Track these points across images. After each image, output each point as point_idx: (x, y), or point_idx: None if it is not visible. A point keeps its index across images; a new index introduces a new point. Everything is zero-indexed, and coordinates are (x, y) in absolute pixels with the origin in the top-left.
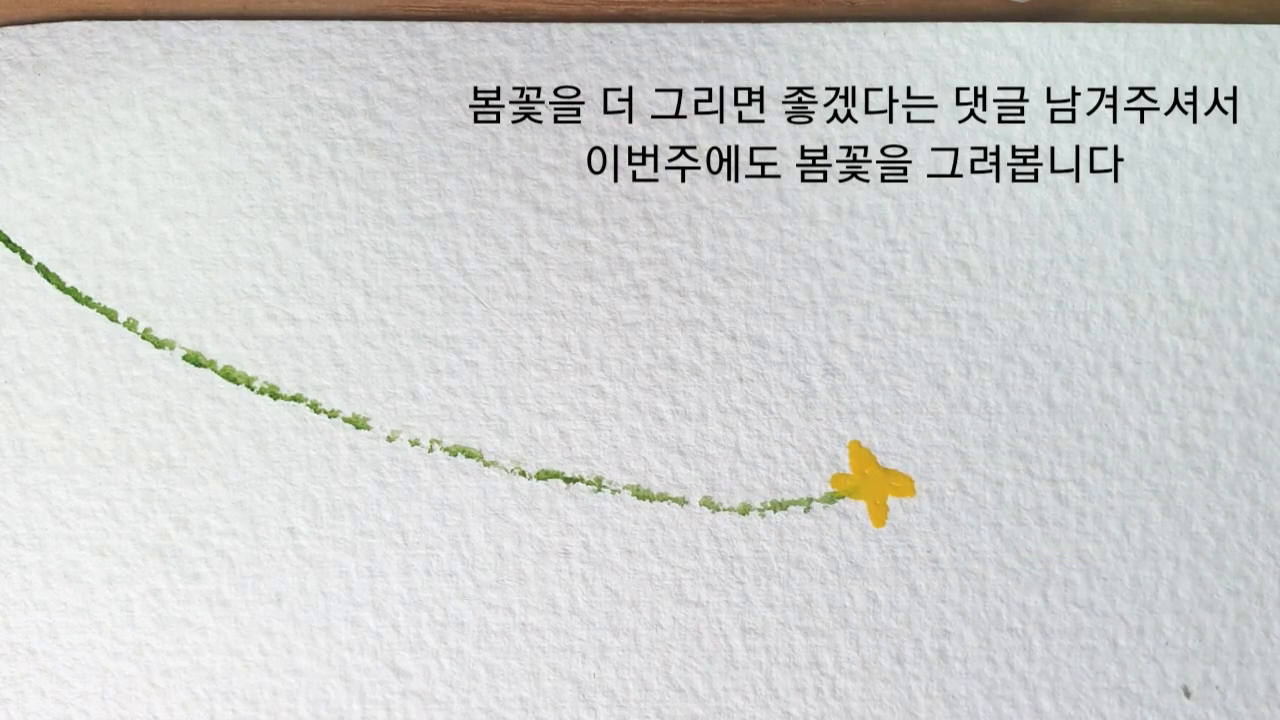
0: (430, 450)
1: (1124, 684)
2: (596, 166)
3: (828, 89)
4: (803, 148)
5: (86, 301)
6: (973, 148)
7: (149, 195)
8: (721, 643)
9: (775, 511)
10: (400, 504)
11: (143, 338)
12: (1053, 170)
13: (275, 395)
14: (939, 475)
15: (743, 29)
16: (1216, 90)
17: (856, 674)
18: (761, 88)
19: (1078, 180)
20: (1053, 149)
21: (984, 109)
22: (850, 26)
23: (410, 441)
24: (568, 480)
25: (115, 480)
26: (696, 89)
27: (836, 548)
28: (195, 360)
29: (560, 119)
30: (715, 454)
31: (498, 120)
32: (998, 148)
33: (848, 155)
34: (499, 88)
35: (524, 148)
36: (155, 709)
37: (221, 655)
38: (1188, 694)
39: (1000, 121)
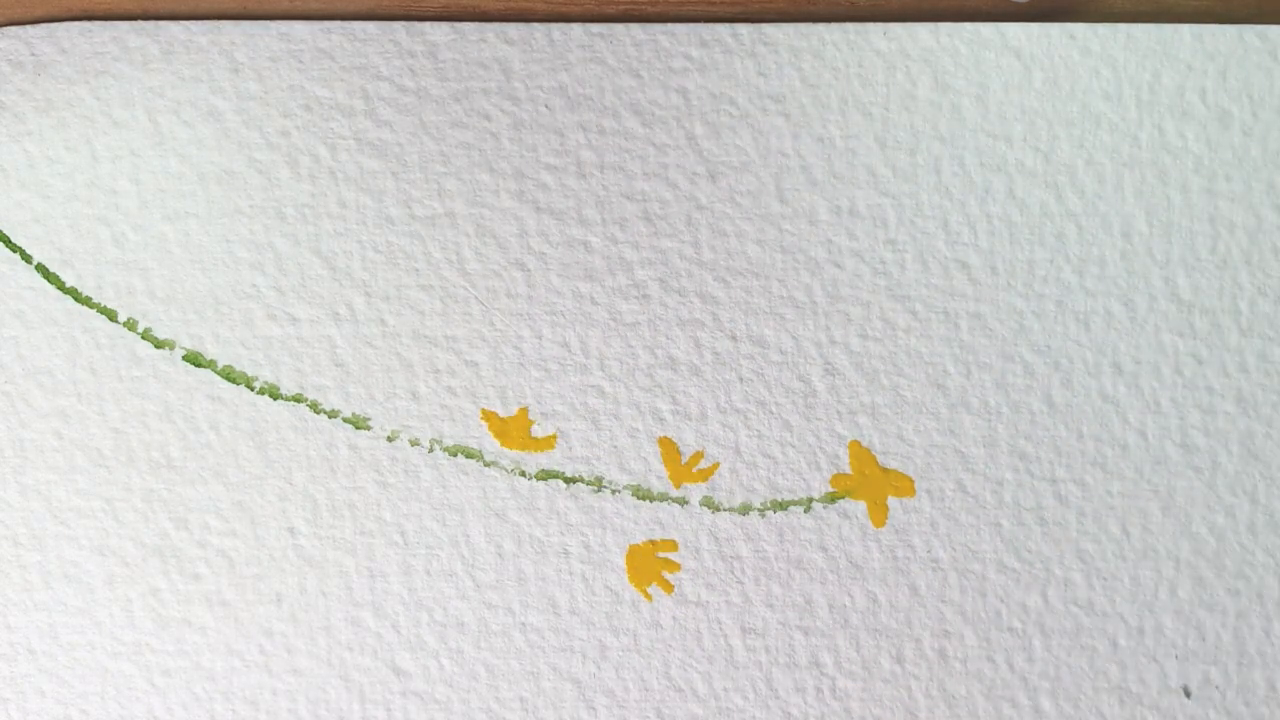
0: (430, 450)
1: (1124, 684)
2: (596, 166)
3: (829, 89)
4: (803, 149)
5: (86, 301)
6: (973, 148)
7: (149, 195)
8: (722, 643)
9: (775, 511)
10: (400, 504)
11: (143, 338)
12: (1053, 170)
13: (275, 395)
14: (939, 475)
15: (743, 29)
16: (1217, 90)
17: (857, 674)
18: (762, 88)
19: (1078, 180)
20: (1053, 149)
21: (984, 109)
22: (850, 26)
23: (410, 441)
24: (568, 480)
25: (115, 480)
26: (697, 89)
27: (837, 548)
28: (195, 360)
29: (560, 119)
30: (715, 454)
31: (498, 120)
32: (998, 148)
33: (848, 155)
34: (499, 87)
35: (524, 148)
36: (155, 709)
37: (221, 655)
38: (1188, 694)
39: (1000, 121)
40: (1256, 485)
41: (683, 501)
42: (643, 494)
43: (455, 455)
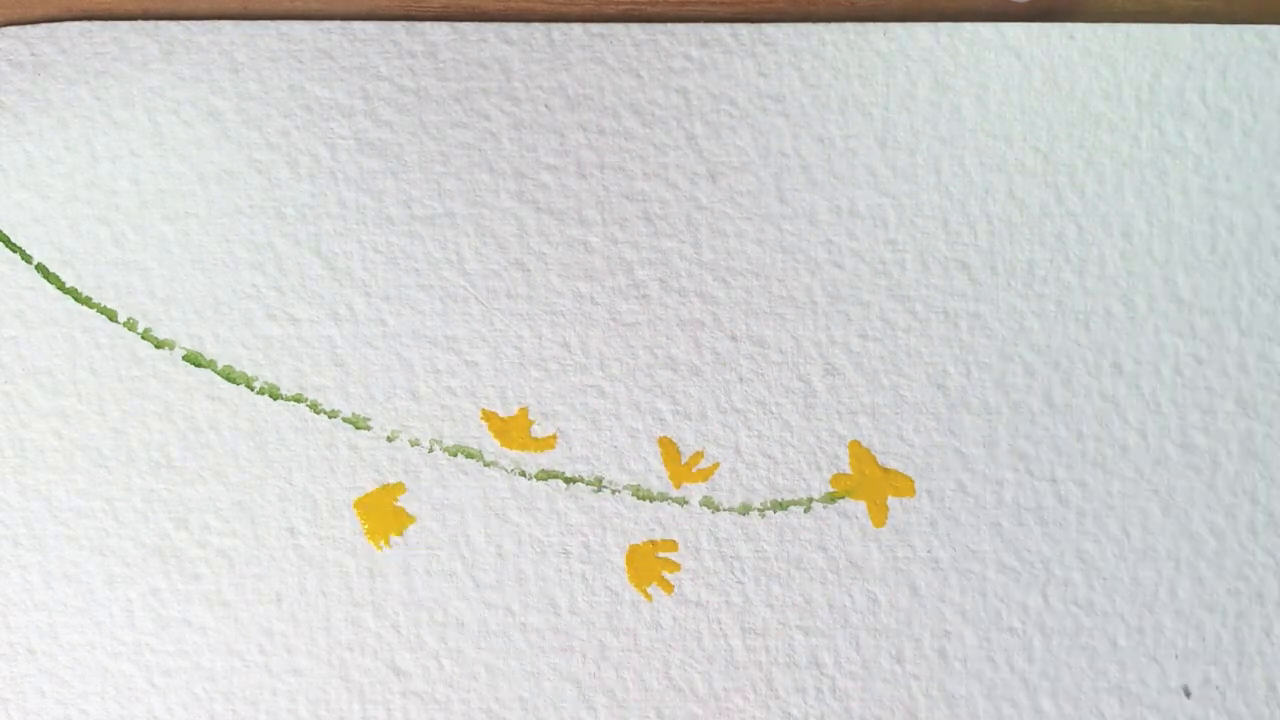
0: (430, 450)
1: (1124, 684)
2: (597, 166)
3: (829, 89)
4: (803, 149)
5: (86, 301)
6: (973, 148)
7: (149, 195)
8: (722, 643)
9: (775, 511)
10: (400, 504)
11: (143, 338)
12: (1052, 170)
13: (275, 395)
14: (939, 475)
15: (743, 29)
16: (1216, 90)
17: (857, 674)
18: (762, 88)
19: (1077, 180)
20: (1053, 149)
21: (984, 109)
22: (850, 27)
23: (410, 442)
24: (568, 480)
25: (115, 480)
26: (697, 89)
27: (836, 548)
28: (195, 360)
29: (560, 119)
30: (715, 454)
31: (497, 120)
32: (998, 148)
33: (848, 155)
34: (499, 87)
35: (524, 148)
36: (155, 709)
37: (221, 655)
38: (1188, 694)
39: (1000, 121)
40: (1256, 485)
41: (683, 501)
42: (643, 494)
43: (455, 455)
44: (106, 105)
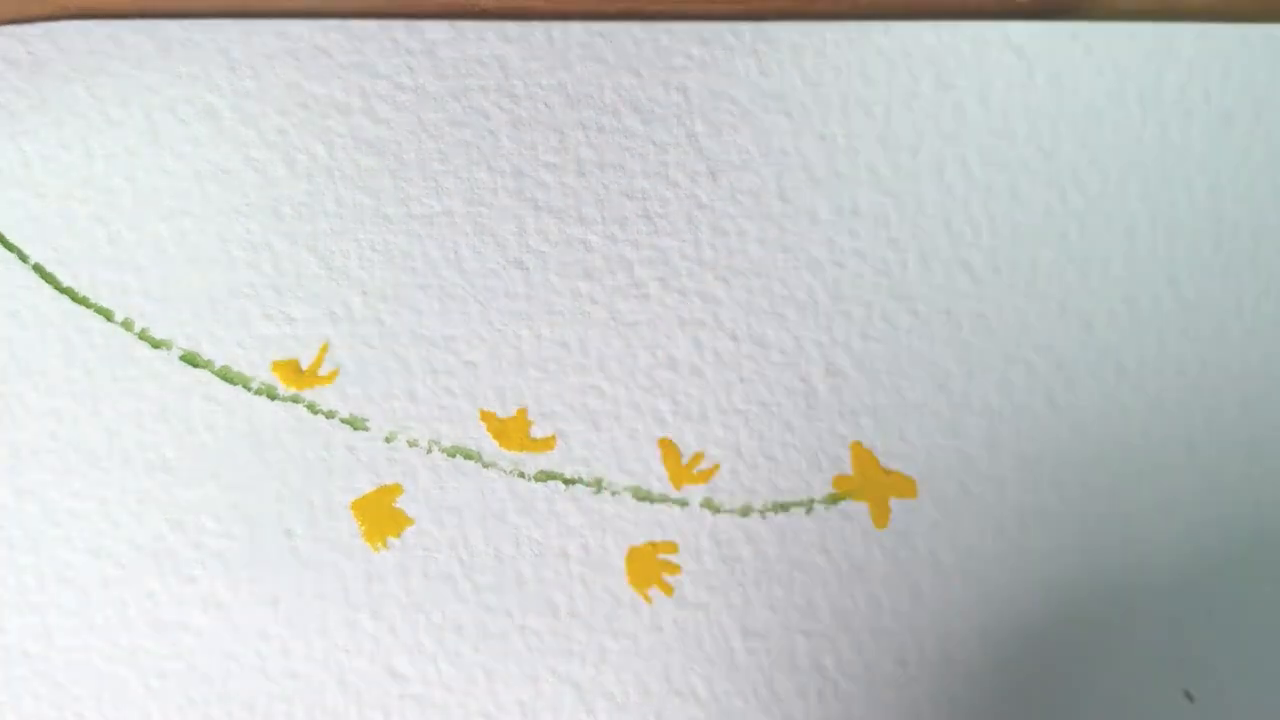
0: (428, 451)
1: (1126, 687)
2: (596, 165)
3: (830, 87)
4: (805, 148)
5: (83, 301)
6: (975, 147)
7: (145, 194)
8: (723, 645)
9: (776, 513)
10: (398, 505)
11: (139, 337)
12: (1056, 170)
13: (272, 396)
14: (941, 476)
15: (744, 27)
16: (1220, 89)
17: (859, 677)
18: (763, 86)
19: (1081, 180)
20: (1056, 148)
21: (987, 108)
22: (852, 25)
23: (408, 442)
24: (567, 482)
25: (110, 481)
26: (698, 87)
27: (838, 549)
28: (192, 360)
29: (560, 117)
30: (716, 455)
31: (496, 118)
32: (1001, 147)
33: (850, 154)
34: (498, 85)
35: (523, 146)
36: (151, 712)
37: (217, 658)
38: (1190, 698)
39: (1003, 120)
40: (1260, 488)
41: (683, 503)
42: (643, 495)
43: (453, 456)
44: (103, 104)
